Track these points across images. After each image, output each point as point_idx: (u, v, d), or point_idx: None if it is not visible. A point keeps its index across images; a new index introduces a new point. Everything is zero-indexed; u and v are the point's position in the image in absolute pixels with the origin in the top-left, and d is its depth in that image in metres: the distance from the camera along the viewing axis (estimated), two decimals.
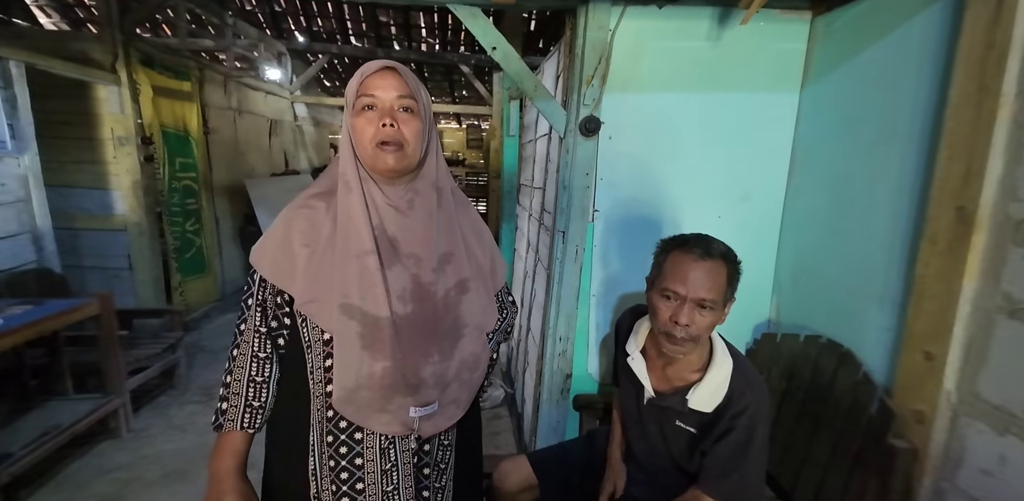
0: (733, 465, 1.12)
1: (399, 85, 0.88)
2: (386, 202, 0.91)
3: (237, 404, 0.93)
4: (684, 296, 1.09)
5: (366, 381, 0.88)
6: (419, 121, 0.89)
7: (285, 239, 0.91)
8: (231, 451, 0.93)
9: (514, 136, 3.85)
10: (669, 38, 1.62)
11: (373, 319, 0.86)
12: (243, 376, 0.94)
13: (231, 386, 0.94)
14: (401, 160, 0.88)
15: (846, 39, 1.51)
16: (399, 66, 0.89)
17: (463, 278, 0.96)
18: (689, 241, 1.13)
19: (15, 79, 2.51)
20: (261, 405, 0.95)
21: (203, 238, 4.16)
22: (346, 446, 0.92)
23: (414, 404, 0.90)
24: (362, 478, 0.92)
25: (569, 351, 1.80)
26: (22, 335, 1.90)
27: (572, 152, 1.65)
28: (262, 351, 0.95)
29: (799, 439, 1.49)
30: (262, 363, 0.95)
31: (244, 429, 0.94)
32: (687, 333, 1.10)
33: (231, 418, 0.93)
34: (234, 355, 0.95)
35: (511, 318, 1.16)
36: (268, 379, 0.95)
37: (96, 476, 2.15)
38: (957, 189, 1.11)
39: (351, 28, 6.89)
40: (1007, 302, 1.03)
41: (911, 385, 1.21)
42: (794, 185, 1.73)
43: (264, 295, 0.94)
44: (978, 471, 1.08)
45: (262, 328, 0.95)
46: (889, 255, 1.33)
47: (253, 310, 0.94)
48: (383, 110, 0.88)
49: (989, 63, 1.05)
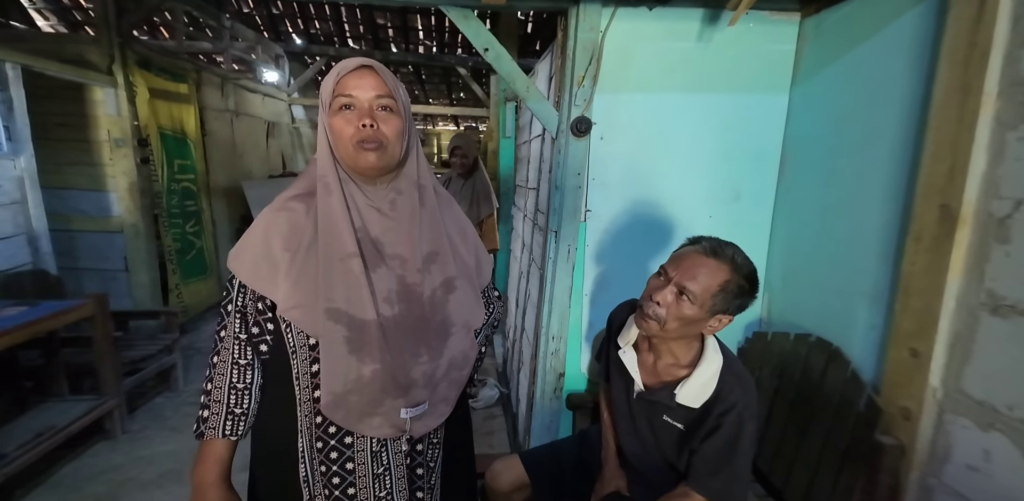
0: (721, 462, 1.12)
1: (377, 84, 0.87)
2: (368, 203, 0.91)
3: (219, 412, 0.92)
4: (671, 278, 1.10)
5: (355, 385, 0.87)
6: (399, 119, 0.88)
7: (265, 243, 0.89)
8: (214, 459, 0.92)
9: (510, 138, 3.87)
10: (659, 39, 1.64)
11: (360, 323, 0.86)
12: (224, 383, 0.93)
13: (212, 394, 0.93)
14: (382, 158, 0.87)
15: (834, 40, 1.52)
16: (376, 64, 0.88)
17: (449, 277, 0.96)
18: (706, 238, 1.15)
19: (11, 81, 2.51)
20: (243, 412, 0.94)
21: (204, 240, 4.15)
22: (336, 451, 0.91)
23: (405, 405, 0.90)
24: (353, 483, 0.92)
25: (562, 350, 1.81)
26: (17, 336, 1.90)
27: (564, 152, 1.66)
28: (243, 358, 0.94)
29: (790, 436, 1.50)
30: (243, 370, 0.94)
31: (226, 437, 0.92)
32: (654, 312, 1.11)
33: (212, 426, 0.92)
34: (214, 362, 0.94)
35: (497, 312, 1.17)
36: (250, 386, 0.94)
37: (91, 477, 2.15)
38: (941, 187, 1.12)
39: (348, 30, 6.91)
40: (990, 299, 1.04)
41: (898, 382, 1.22)
42: (784, 185, 1.74)
43: (244, 301, 0.93)
44: (964, 466, 1.09)
45: (242, 335, 0.93)
46: (876, 253, 1.34)
47: (232, 316, 0.93)
48: (362, 110, 0.86)
49: (972, 62, 1.06)
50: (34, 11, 5.82)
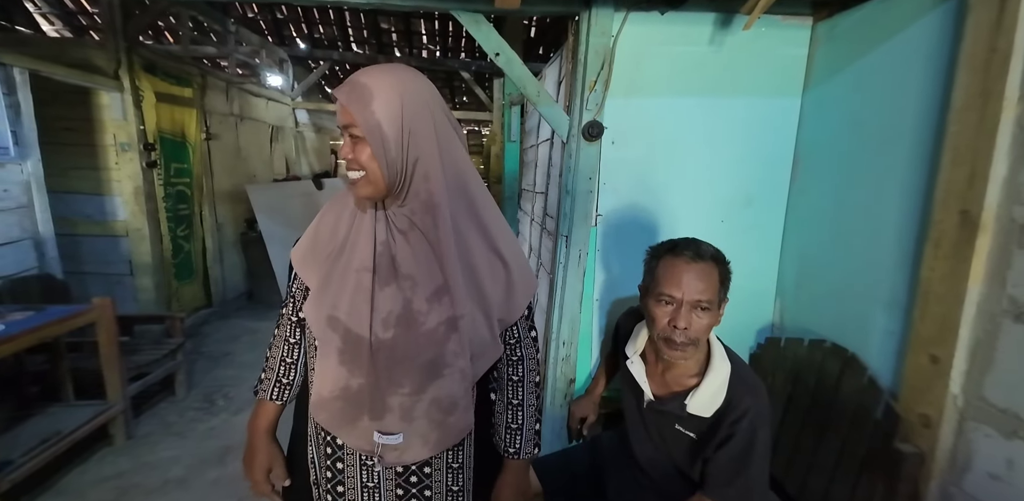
0: (736, 471, 1.11)
1: (344, 112, 0.80)
2: (392, 219, 0.87)
3: (271, 378, 1.03)
4: (680, 299, 1.09)
5: (341, 393, 0.88)
6: (366, 145, 0.80)
7: (316, 232, 0.93)
8: (263, 414, 1.04)
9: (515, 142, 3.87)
10: (671, 43, 1.64)
11: (355, 337, 0.85)
12: (277, 354, 1.03)
13: (269, 361, 1.04)
14: (365, 187, 0.83)
15: (847, 44, 1.52)
16: (344, 91, 0.80)
17: (453, 316, 0.86)
18: (679, 245, 1.14)
19: (19, 85, 2.51)
20: (289, 382, 1.03)
21: (192, 244, 4.11)
22: (330, 448, 0.94)
23: (378, 429, 0.88)
24: (343, 482, 0.94)
25: (573, 356, 1.79)
26: (23, 341, 1.89)
27: (575, 157, 1.65)
28: (292, 337, 1.02)
29: (804, 444, 1.49)
30: (292, 347, 1.03)
31: (273, 400, 1.03)
32: (686, 336, 1.10)
33: (265, 389, 1.03)
34: (276, 334, 1.04)
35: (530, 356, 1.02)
36: (296, 361, 1.03)
37: (96, 483, 2.13)
38: (961, 192, 1.11)
39: (352, 35, 6.93)
40: (1013, 305, 1.03)
41: (917, 389, 1.20)
42: (797, 189, 1.73)
43: (297, 285, 0.99)
44: (986, 475, 1.08)
45: (293, 317, 1.01)
46: (893, 258, 1.33)
47: (287, 297, 1.01)
48: (345, 138, 0.83)
49: (992, 67, 1.06)
50: (39, 16, 5.84)
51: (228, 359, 3.51)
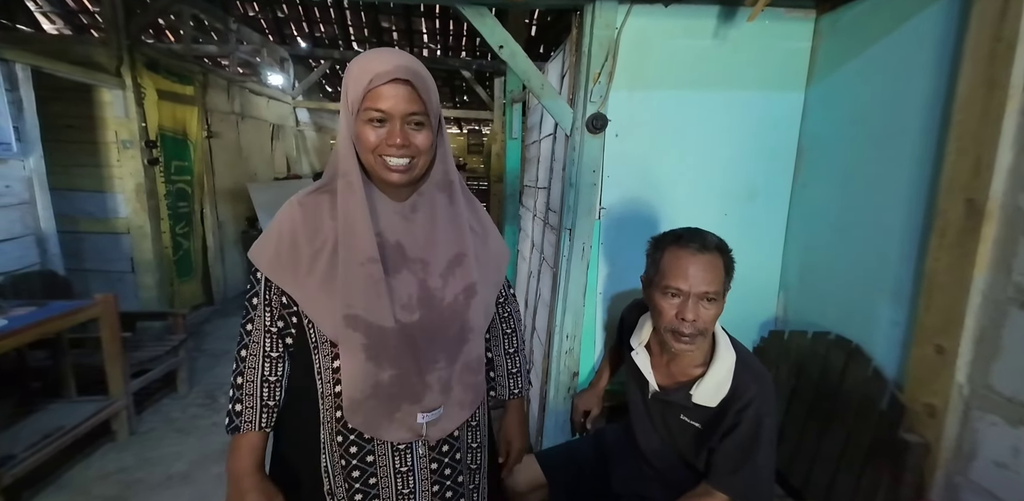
0: (743, 460, 1.11)
1: (411, 99, 0.81)
2: (390, 207, 0.88)
3: (253, 405, 0.92)
4: (687, 292, 1.09)
5: (372, 391, 0.87)
6: (429, 132, 0.85)
7: (290, 236, 0.87)
8: (249, 449, 0.92)
9: (517, 139, 3.87)
10: (675, 36, 1.64)
11: (378, 330, 0.84)
12: (256, 377, 0.92)
13: (244, 387, 0.92)
14: (408, 175, 0.85)
15: (851, 36, 1.52)
16: (413, 77, 0.81)
17: (471, 282, 0.93)
18: (683, 236, 1.13)
19: (21, 82, 2.52)
20: (276, 403, 0.94)
21: (192, 241, 4.11)
22: (356, 446, 0.91)
23: (421, 410, 0.90)
24: (375, 473, 0.92)
25: (576, 349, 1.79)
26: (25, 336, 1.89)
27: (579, 150, 1.65)
28: (274, 351, 0.93)
29: (809, 436, 1.49)
30: (274, 362, 0.93)
31: (262, 429, 0.93)
32: (694, 328, 1.10)
33: (248, 420, 0.92)
34: (243, 356, 0.93)
35: (515, 311, 1.20)
36: (281, 378, 0.94)
37: (98, 479, 2.13)
38: (967, 181, 1.11)
39: (353, 34, 6.94)
40: (1019, 293, 1.03)
41: (922, 379, 1.21)
42: (800, 182, 1.73)
43: (269, 295, 0.91)
44: (992, 464, 1.08)
45: (272, 328, 0.92)
46: (898, 249, 1.33)
47: (261, 310, 0.91)
48: (393, 126, 0.82)
49: (997, 56, 1.06)
50: (40, 14, 5.84)
51: (229, 357, 3.47)
